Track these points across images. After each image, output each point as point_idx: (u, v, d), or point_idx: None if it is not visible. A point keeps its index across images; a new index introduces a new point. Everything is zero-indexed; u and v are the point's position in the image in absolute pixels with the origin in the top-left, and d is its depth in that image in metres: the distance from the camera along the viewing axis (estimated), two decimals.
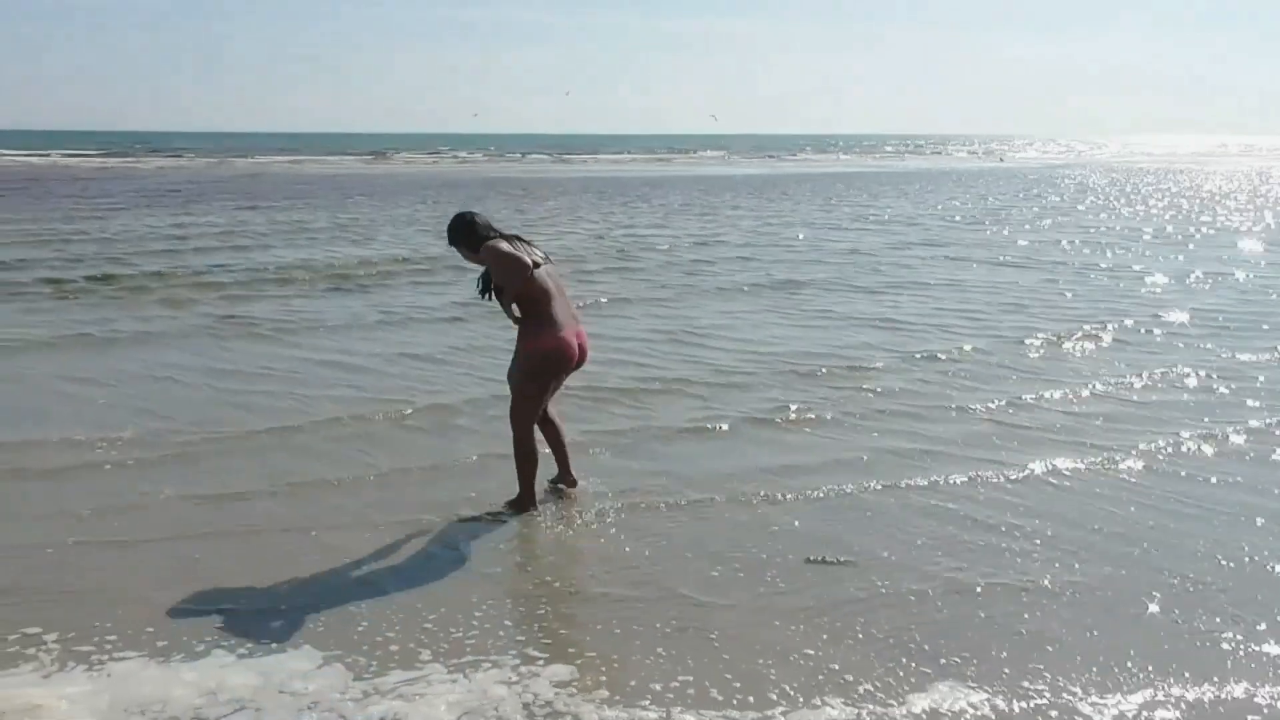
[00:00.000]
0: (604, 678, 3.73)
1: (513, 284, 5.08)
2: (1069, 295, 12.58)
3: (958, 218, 24.12)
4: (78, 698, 3.55)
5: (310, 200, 27.39)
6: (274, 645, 3.94)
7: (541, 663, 3.84)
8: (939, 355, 8.91)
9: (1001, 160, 72.35)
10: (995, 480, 5.77)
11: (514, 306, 5.16)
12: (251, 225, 19.95)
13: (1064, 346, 9.42)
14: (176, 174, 41.42)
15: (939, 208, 27.22)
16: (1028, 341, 9.55)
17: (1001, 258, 16.41)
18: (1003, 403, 7.36)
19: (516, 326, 5.23)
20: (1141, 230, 21.31)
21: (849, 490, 5.61)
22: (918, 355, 8.92)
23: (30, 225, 18.95)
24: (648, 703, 3.57)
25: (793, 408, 7.14)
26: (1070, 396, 7.55)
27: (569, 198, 30.03)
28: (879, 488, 5.65)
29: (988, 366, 8.59)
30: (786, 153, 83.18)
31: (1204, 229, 21.65)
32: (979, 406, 7.26)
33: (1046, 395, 7.57)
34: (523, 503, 5.33)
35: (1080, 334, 9.84)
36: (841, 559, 4.74)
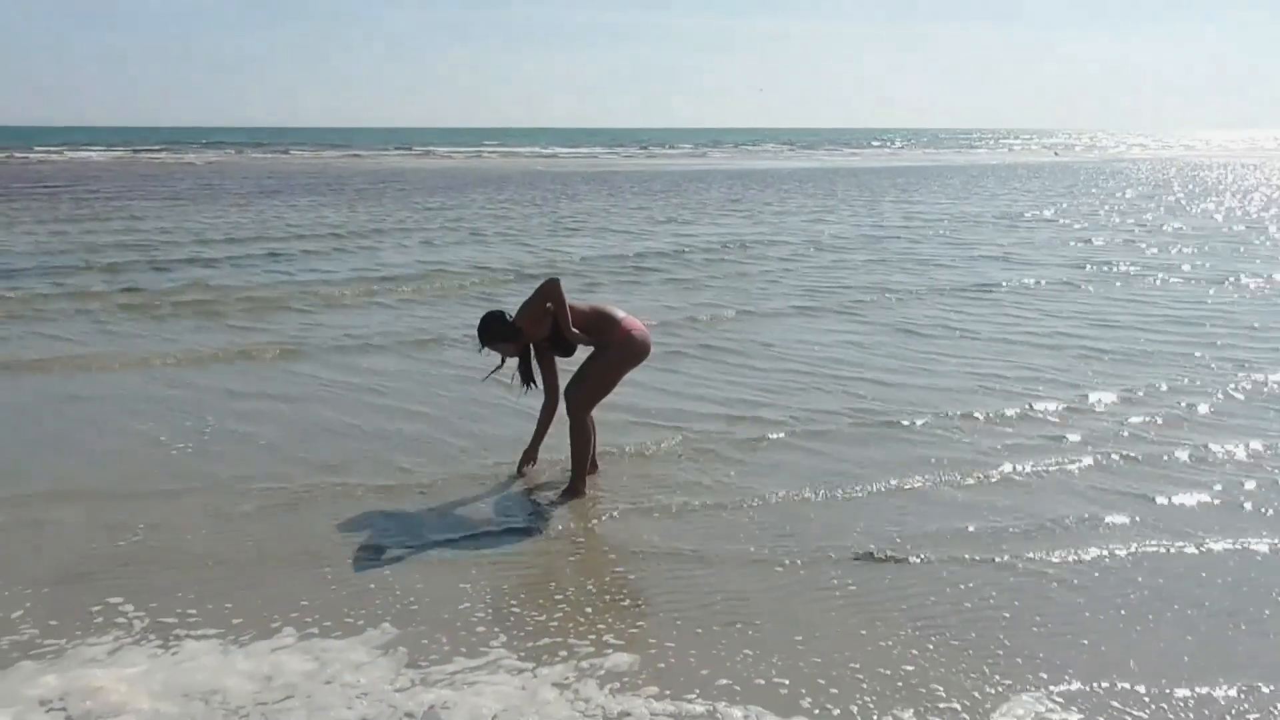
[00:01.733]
0: (663, 671, 3.74)
1: (556, 289, 5.37)
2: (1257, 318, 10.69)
3: (1051, 213, 23.72)
4: (136, 679, 3.62)
5: (389, 195, 27.81)
6: (357, 624, 4.05)
7: (610, 651, 3.87)
8: (1120, 388, 7.53)
9: (1056, 154, 71.18)
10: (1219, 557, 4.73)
11: (577, 332, 5.46)
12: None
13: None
14: (244, 167, 42.12)
15: (1063, 204, 26.41)
16: (1233, 377, 7.98)
17: (1139, 264, 15.01)
18: (1223, 456, 6.14)
19: (591, 346, 5.57)
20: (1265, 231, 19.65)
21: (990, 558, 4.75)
22: (1096, 391, 7.49)
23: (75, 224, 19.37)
24: (707, 699, 3.55)
25: (956, 461, 6.02)
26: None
27: (612, 194, 29.98)
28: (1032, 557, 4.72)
29: (1188, 408, 7.09)
30: (847, 147, 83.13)
31: None
32: (1211, 455, 6.12)
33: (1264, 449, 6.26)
34: (575, 490, 5.50)
35: None
36: (890, 554, 4.71)
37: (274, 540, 4.88)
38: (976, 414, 6.92)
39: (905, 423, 6.75)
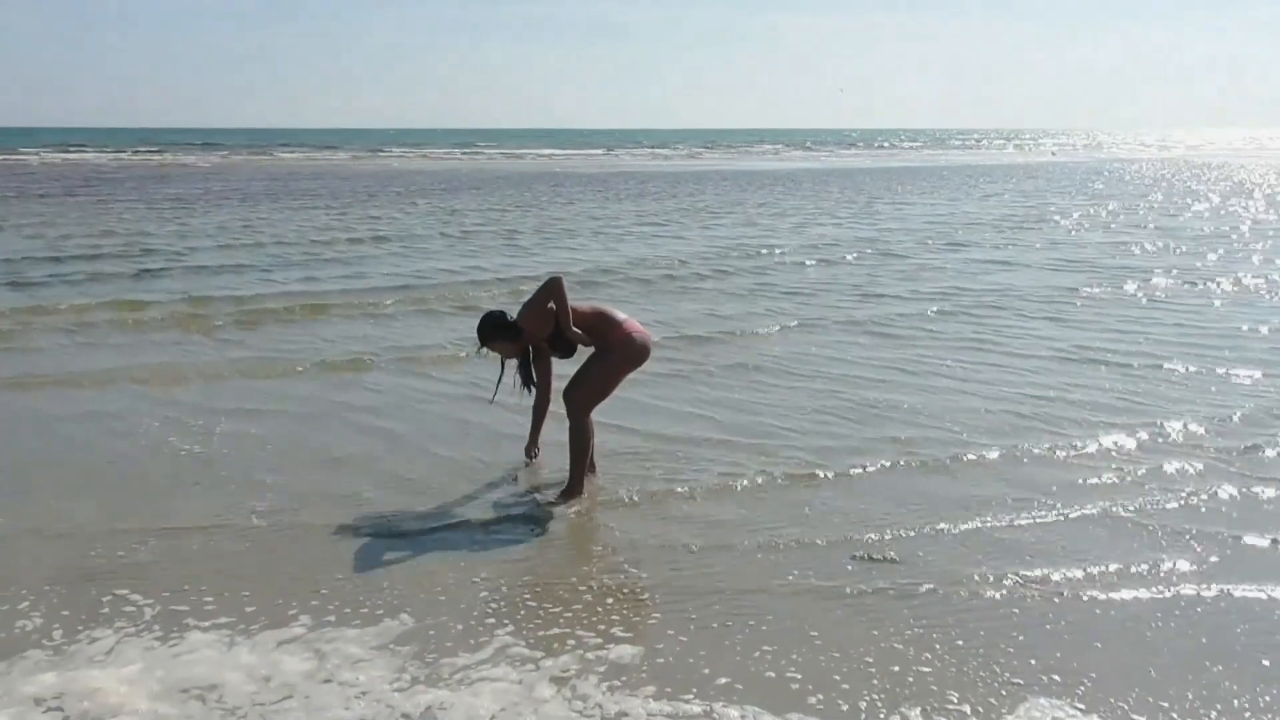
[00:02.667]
0: (663, 668, 3.77)
1: (559, 288, 5.36)
2: None
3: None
4: (135, 678, 3.63)
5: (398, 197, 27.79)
6: (358, 623, 4.10)
7: (612, 648, 3.91)
8: (1175, 414, 6.93)
9: (1053, 154, 71.26)
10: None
11: (578, 332, 5.46)
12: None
13: None
14: (242, 169, 42.15)
15: (1068, 205, 26.33)
16: None
17: (1159, 270, 14.34)
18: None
19: (591, 347, 5.57)
20: None
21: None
22: (1153, 417, 6.88)
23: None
24: (704, 699, 3.56)
25: (1028, 502, 5.46)
26: None
27: (609, 197, 29.95)
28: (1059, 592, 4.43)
29: (1261, 438, 6.45)
30: (847, 149, 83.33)
31: None
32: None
33: None
34: (574, 491, 5.50)
35: None
36: (888, 555, 4.73)
37: (280, 545, 4.91)
38: (1007, 444, 6.38)
39: (925, 453, 6.22)
